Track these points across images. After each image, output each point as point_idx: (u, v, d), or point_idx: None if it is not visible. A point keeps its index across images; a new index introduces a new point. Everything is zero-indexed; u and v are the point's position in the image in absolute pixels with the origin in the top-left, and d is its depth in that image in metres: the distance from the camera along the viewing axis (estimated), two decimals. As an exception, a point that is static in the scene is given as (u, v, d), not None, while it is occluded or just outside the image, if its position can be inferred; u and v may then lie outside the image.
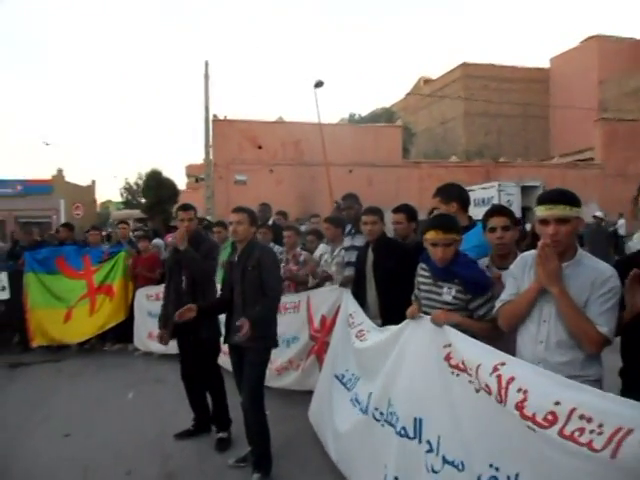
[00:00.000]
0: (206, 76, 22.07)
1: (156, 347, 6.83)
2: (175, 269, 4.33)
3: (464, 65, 35.85)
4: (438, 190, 3.34)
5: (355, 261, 4.30)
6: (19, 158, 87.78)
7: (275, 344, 3.80)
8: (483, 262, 3.00)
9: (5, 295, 7.39)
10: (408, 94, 41.93)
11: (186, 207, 4.42)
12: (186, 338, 4.23)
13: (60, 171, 25.65)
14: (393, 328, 3.22)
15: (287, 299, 5.07)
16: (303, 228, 9.55)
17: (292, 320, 5.09)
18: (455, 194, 3.32)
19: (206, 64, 22.14)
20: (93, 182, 31.17)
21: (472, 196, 4.42)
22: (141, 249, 7.42)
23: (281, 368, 5.11)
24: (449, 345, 2.68)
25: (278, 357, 4.92)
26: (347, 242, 4.71)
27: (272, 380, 4.92)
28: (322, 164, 20.09)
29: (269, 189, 20.47)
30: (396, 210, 4.24)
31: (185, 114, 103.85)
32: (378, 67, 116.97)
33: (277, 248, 5.90)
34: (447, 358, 2.68)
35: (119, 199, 35.04)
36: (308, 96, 23.71)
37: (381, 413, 3.20)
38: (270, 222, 6.92)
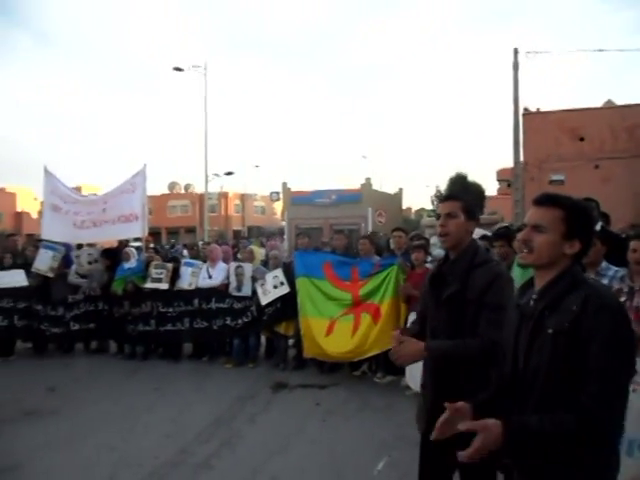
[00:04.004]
0: (515, 66, 19.70)
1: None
2: (432, 303, 2.54)
3: None
4: None
5: None
6: (337, 170, 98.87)
7: None
8: None
9: (285, 289, 6.97)
10: None
11: (449, 196, 2.58)
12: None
13: (368, 180, 26.77)
14: None
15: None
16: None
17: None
18: None
19: (515, 52, 19.77)
20: (400, 190, 31.77)
21: None
22: (414, 262, 5.99)
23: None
24: None
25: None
26: None
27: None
28: (671, 153, 15.45)
29: (593, 188, 16.72)
30: None
31: (497, 113, 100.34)
32: None
33: (613, 271, 3.63)
34: None
35: (431, 207, 35.21)
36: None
37: None
38: (598, 227, 4.50)
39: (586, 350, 1.54)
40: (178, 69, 26.06)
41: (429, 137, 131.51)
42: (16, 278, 7.90)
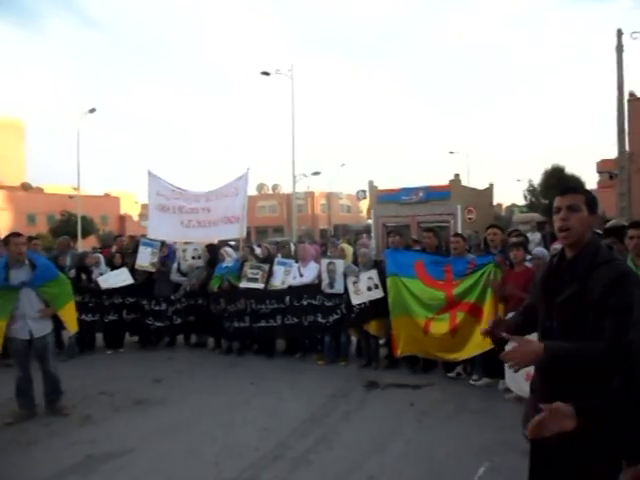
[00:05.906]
0: (619, 48, 18.30)
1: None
2: (544, 304, 2.34)
3: None
4: None
5: None
6: (424, 167, 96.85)
7: None
8: None
9: (379, 294, 6.90)
10: None
11: (571, 188, 2.29)
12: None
13: (457, 176, 26.00)
14: None
15: None
16: None
17: None
18: None
19: (618, 33, 18.36)
20: (491, 185, 30.55)
21: None
22: (513, 260, 5.72)
23: None
24: None
25: None
26: None
27: None
28: None
29: None
30: None
31: (597, 100, 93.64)
32: None
33: None
34: None
35: (523, 202, 33.77)
36: None
37: None
38: None
39: None
40: (265, 73, 26.71)
41: (520, 129, 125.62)
42: (121, 277, 8.45)
